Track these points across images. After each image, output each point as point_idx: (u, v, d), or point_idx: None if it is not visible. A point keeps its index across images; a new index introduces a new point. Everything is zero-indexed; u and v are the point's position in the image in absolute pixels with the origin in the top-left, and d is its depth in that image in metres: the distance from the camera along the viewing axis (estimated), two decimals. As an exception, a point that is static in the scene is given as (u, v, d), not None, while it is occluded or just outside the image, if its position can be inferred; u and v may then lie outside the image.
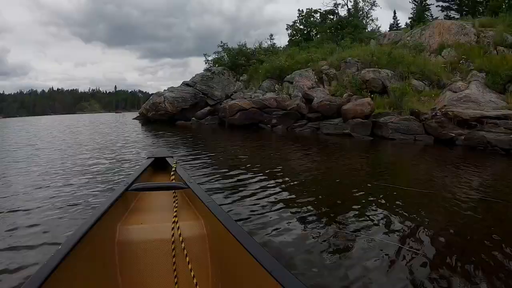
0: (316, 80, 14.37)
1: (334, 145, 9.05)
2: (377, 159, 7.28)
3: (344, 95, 12.24)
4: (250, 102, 12.89)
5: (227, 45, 19.22)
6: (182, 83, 18.23)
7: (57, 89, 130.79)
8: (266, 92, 14.87)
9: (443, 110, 10.36)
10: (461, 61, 13.73)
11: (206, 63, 19.75)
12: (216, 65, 18.99)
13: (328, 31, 19.99)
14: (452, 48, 15.08)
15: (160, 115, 17.42)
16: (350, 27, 18.29)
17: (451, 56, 14.63)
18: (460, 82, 12.16)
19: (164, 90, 19.00)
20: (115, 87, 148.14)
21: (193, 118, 16.59)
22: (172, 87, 18.46)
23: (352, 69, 13.34)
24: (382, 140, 9.70)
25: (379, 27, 24.47)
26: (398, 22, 29.16)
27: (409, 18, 28.04)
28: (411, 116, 10.46)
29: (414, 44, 15.64)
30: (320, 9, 21.67)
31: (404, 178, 5.23)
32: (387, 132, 9.99)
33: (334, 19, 20.40)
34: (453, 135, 9.18)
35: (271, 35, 21.67)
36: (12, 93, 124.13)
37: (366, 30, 19.95)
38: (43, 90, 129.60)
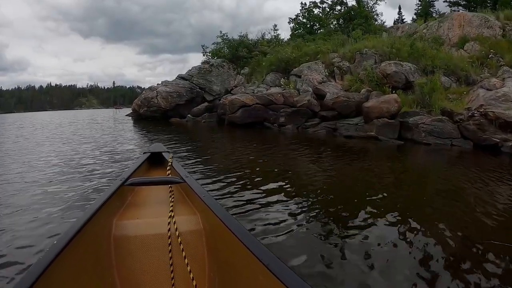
0: (327, 73, 12.37)
1: (358, 151, 7.10)
2: (417, 174, 5.34)
3: (362, 90, 10.29)
4: (253, 98, 10.84)
5: (227, 36, 16.96)
6: (178, 76, 16.05)
7: (55, 84, 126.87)
8: (271, 86, 12.82)
9: (481, 110, 8.51)
10: (490, 56, 11.85)
11: (204, 55, 17.48)
12: (215, 57, 16.74)
13: (336, 22, 17.99)
14: (475, 42, 13.25)
15: (152, 112, 15.29)
16: (360, 18, 16.25)
17: (475, 50, 12.83)
18: (494, 79, 10.36)
19: (158, 84, 16.86)
20: (114, 82, 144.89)
21: (189, 115, 14.50)
22: (166, 80, 16.29)
23: (369, 62, 11.35)
24: (414, 145, 7.82)
25: (384, 22, 22.49)
26: (403, 17, 27.21)
27: (415, 14, 26.36)
28: (444, 117, 8.59)
29: (433, 36, 13.69)
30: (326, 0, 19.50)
31: (458, 215, 3.20)
32: (419, 135, 8.10)
33: (342, 10, 18.29)
34: (498, 140, 7.45)
35: (275, 25, 19.16)
36: (10, 89, 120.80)
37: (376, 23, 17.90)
38: (41, 86, 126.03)
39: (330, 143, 8.00)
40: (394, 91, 10.00)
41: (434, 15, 22.06)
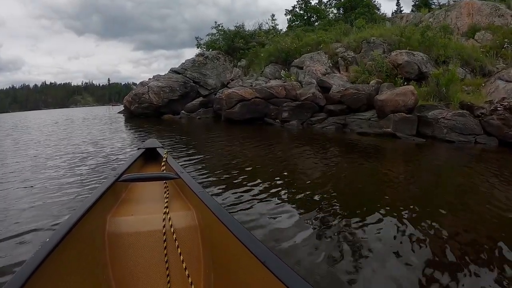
0: (330, 64, 11.23)
1: (375, 151, 6.04)
2: (443, 178, 4.31)
3: (371, 82, 9.19)
4: (252, 91, 9.65)
5: (222, 26, 15.55)
6: (170, 70, 14.75)
7: (50, 83, 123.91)
8: (270, 79, 11.64)
9: (504, 104, 7.51)
10: (505, 45, 10.83)
11: (198, 47, 16.04)
12: (210, 50, 15.36)
13: (336, 11, 16.81)
14: (486, 31, 12.23)
15: (143, 108, 14.00)
16: (363, 7, 15.06)
17: (487, 40, 11.82)
18: (513, 69, 9.35)
19: (149, 79, 15.55)
20: (109, 80, 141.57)
21: (183, 111, 13.26)
22: (158, 75, 14.97)
23: (378, 51, 10.23)
24: (435, 143, 6.78)
25: (384, 14, 21.32)
26: (402, 9, 26.06)
27: (413, 5, 25.23)
28: (465, 111, 7.57)
29: (442, 25, 12.60)
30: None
31: None
32: (440, 131, 7.07)
33: (342, 0, 17.05)
34: (527, 136, 6.49)
35: (273, 15, 17.50)
36: (4, 88, 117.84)
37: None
38: (35, 85, 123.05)
39: (342, 141, 6.89)
40: (405, 83, 8.97)
41: (433, 6, 21.00)
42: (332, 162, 5.03)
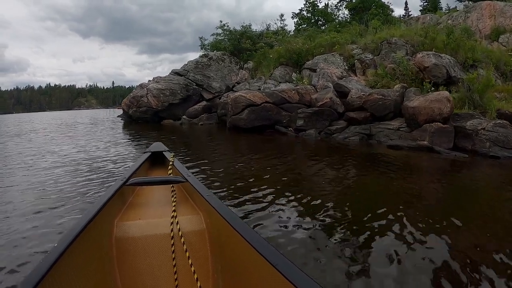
0: (346, 67, 10.12)
1: (416, 171, 4.88)
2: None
3: (396, 86, 8.06)
4: (262, 95, 8.51)
5: (227, 26, 14.40)
6: (171, 71, 13.62)
7: (54, 85, 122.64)
8: (280, 82, 10.51)
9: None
10: (536, 48, 9.74)
11: (202, 48, 14.84)
12: (214, 50, 14.20)
13: (348, 12, 15.74)
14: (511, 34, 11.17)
15: (142, 112, 12.87)
16: (376, 8, 13.96)
17: (513, 43, 10.75)
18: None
19: (149, 81, 14.44)
20: (113, 82, 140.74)
21: (184, 117, 12.13)
22: (158, 77, 13.84)
23: (400, 53, 9.11)
24: (476, 158, 5.65)
25: (400, 16, 20.18)
26: (410, 13, 25.04)
27: (420, 11, 24.23)
28: (504, 121, 6.46)
29: (463, 27, 11.50)
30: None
31: None
32: (482, 145, 5.98)
33: (354, 1, 15.93)
34: None
35: (282, 15, 16.23)
36: (9, 89, 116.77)
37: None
38: (40, 86, 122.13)
39: (371, 156, 5.75)
40: (432, 88, 7.86)
41: (442, 11, 20.00)
42: (362, 182, 4.00)
